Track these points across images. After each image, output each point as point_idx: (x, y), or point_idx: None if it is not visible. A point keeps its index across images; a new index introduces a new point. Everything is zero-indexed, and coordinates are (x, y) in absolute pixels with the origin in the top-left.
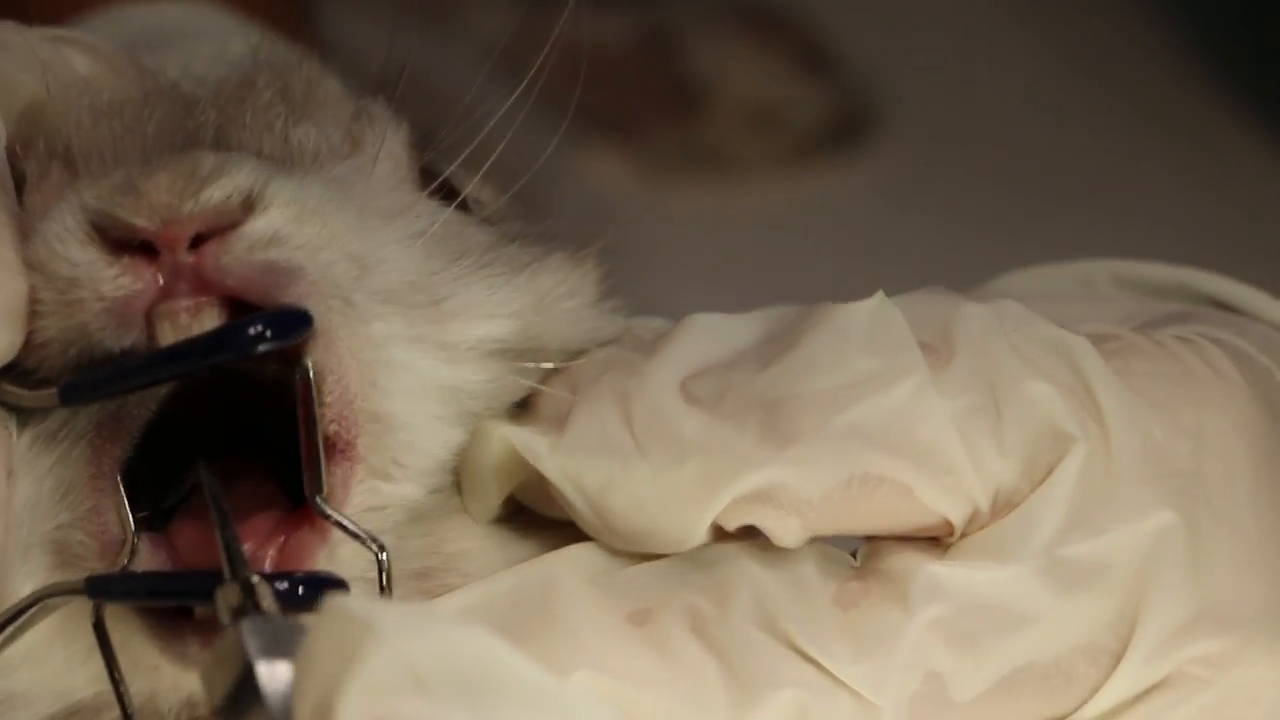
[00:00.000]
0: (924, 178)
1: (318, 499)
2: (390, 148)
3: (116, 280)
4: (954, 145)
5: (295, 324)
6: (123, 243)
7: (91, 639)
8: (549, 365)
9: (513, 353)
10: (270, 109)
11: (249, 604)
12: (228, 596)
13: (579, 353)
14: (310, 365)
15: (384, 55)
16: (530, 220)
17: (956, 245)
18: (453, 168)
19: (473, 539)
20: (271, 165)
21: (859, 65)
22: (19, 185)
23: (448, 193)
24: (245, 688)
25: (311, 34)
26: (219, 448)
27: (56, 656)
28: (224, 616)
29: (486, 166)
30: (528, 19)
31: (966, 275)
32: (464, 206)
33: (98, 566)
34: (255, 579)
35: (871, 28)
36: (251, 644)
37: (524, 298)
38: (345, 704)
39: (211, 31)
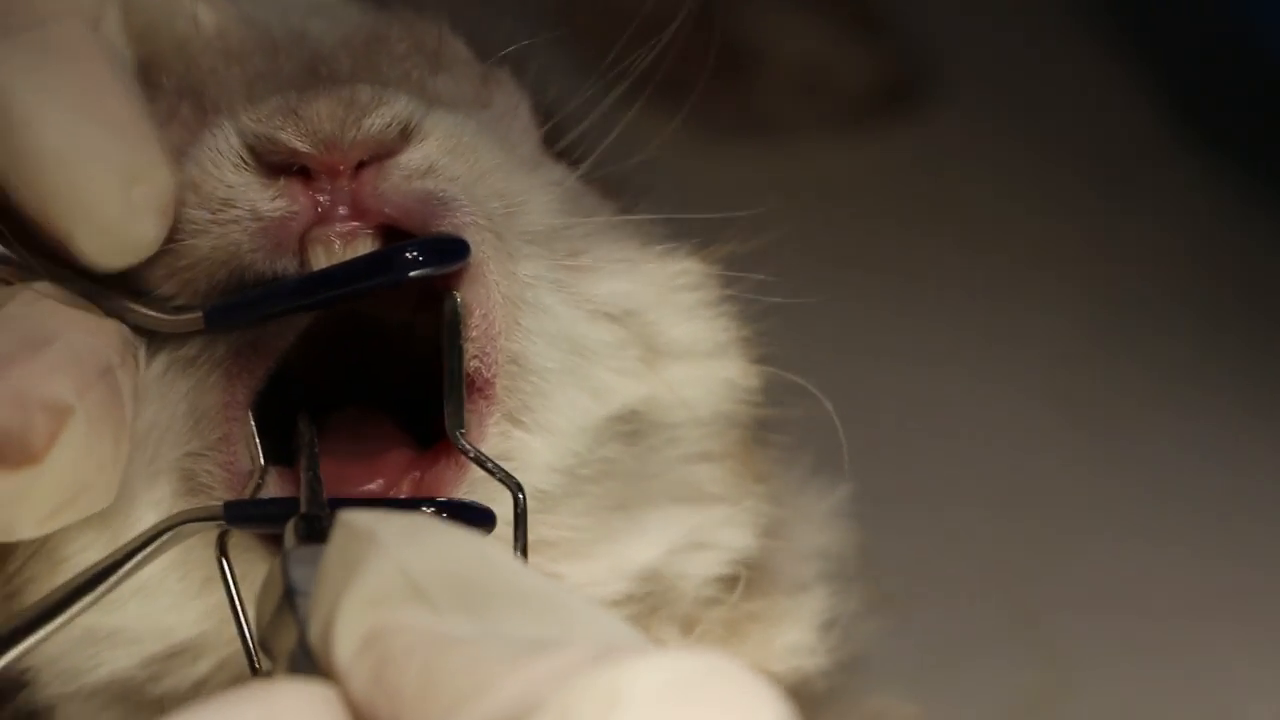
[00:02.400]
0: (975, 143)
1: (458, 433)
2: (520, 109)
3: (273, 202)
4: (1005, 111)
5: (453, 252)
6: (278, 166)
7: (205, 573)
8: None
9: (633, 323)
10: (406, 59)
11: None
12: (297, 527)
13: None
14: (459, 298)
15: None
16: (631, 201)
17: (1007, 211)
18: (581, 129)
19: None
20: (426, 100)
21: (910, 29)
22: None
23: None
24: (281, 611)
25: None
26: (337, 396)
27: (170, 590)
28: (289, 544)
29: (607, 142)
30: None
31: (1015, 242)
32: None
33: (224, 496)
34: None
35: None
36: (294, 571)
37: (652, 272)
38: (342, 617)
39: None
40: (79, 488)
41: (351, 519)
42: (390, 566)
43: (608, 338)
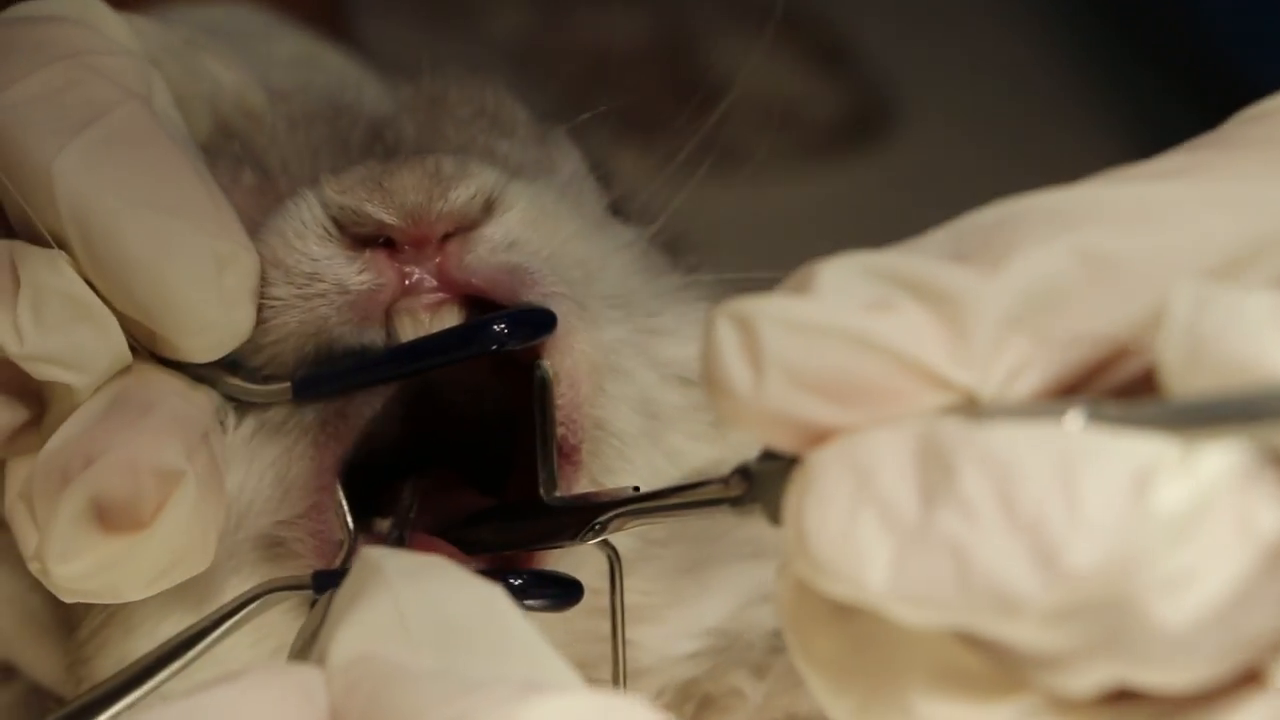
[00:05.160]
0: (940, 174)
1: (554, 498)
2: (583, 171)
3: (359, 275)
4: (970, 141)
5: (540, 324)
6: (363, 238)
7: (276, 642)
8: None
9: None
10: (472, 124)
11: None
12: None
13: None
14: (547, 367)
15: (416, 57)
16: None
17: None
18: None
19: None
20: (506, 170)
21: (875, 61)
22: None
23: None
24: (314, 636)
25: (347, 35)
26: (408, 461)
27: (241, 657)
28: None
29: (677, 203)
30: (544, 18)
31: None
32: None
33: (313, 564)
34: None
35: (887, 24)
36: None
37: None
38: (338, 641)
39: (260, 34)
40: (184, 552)
41: (368, 553)
42: (385, 602)
43: (682, 402)
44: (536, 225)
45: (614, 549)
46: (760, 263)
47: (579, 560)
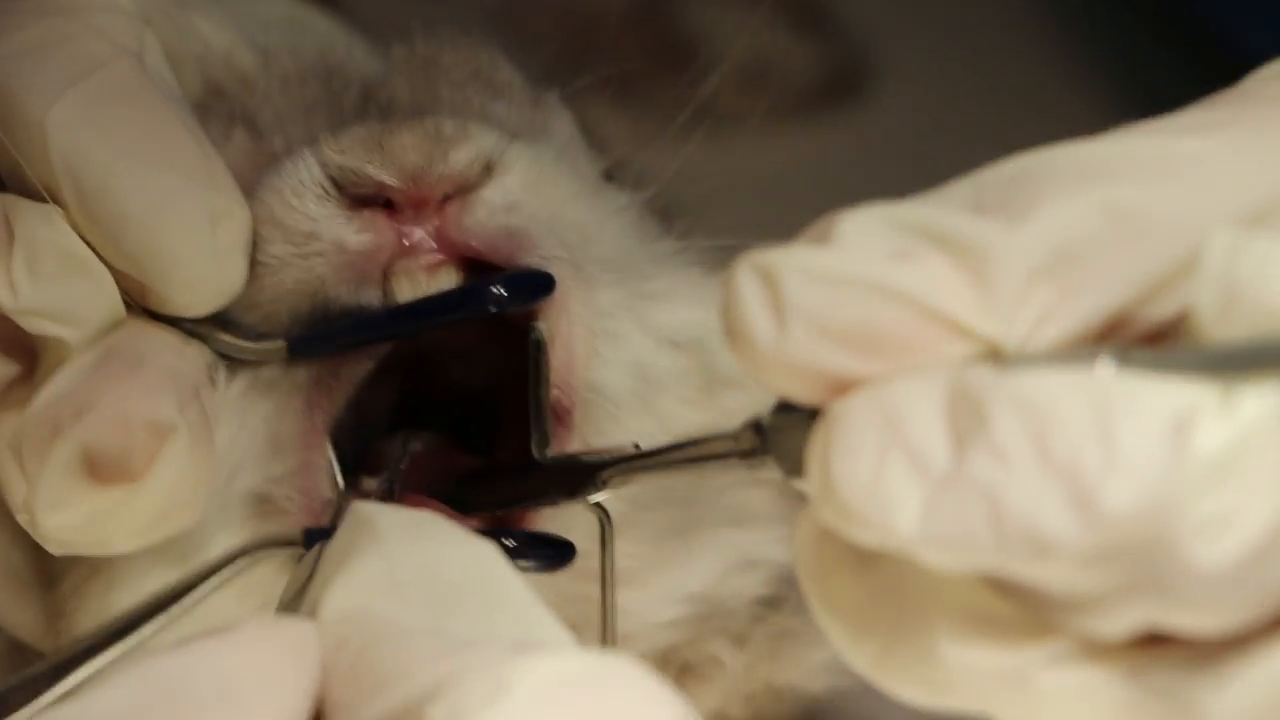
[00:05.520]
0: (918, 135)
1: (546, 458)
2: (575, 135)
3: (358, 235)
4: (948, 102)
5: (538, 286)
6: (361, 199)
7: (262, 596)
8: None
9: (696, 351)
10: (465, 85)
11: None
12: None
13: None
14: (542, 330)
15: (401, 21)
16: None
17: None
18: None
19: None
20: (505, 133)
21: (851, 22)
22: None
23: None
24: (301, 590)
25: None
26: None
27: (227, 610)
28: None
29: (673, 170)
30: None
31: None
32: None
33: (300, 522)
34: None
35: None
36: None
37: (715, 299)
38: (329, 596)
39: None
40: (174, 506)
41: (361, 508)
42: (377, 558)
43: (674, 366)
44: (535, 188)
45: (605, 511)
46: (740, 222)
47: (568, 523)
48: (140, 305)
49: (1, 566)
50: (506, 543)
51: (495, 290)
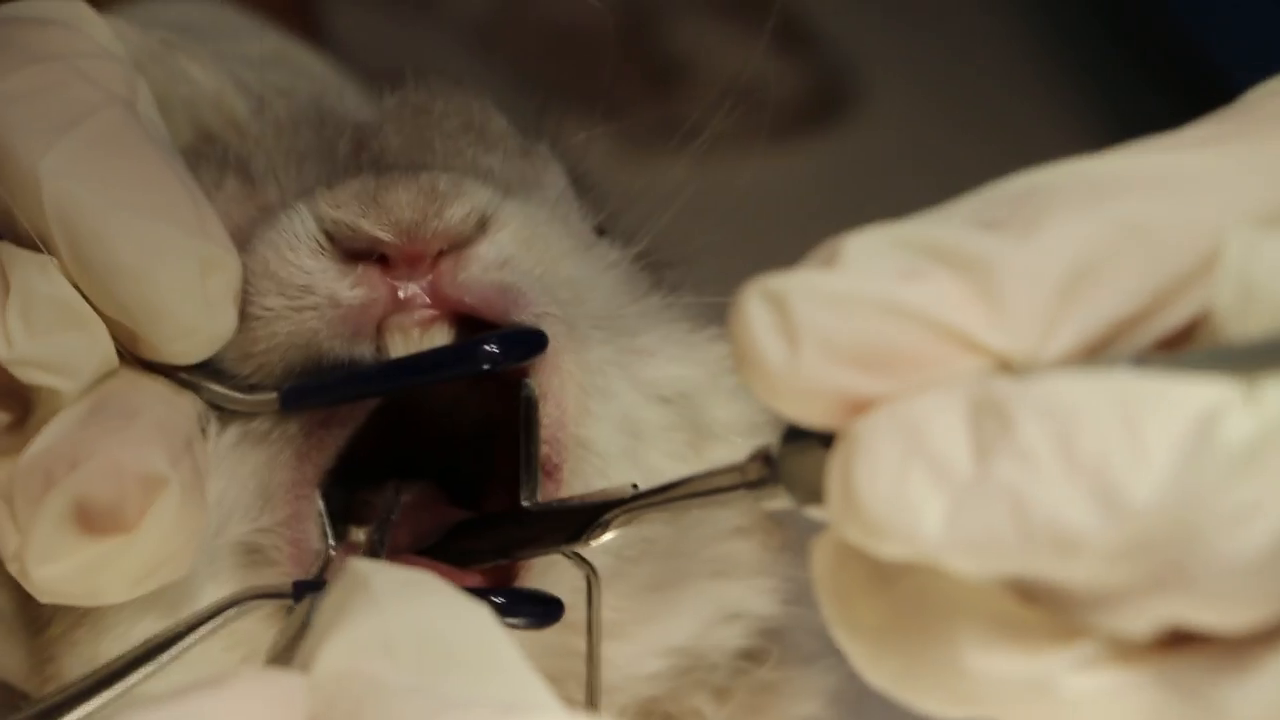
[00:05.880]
0: (904, 152)
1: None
2: (567, 188)
3: (352, 290)
4: (933, 120)
5: (531, 344)
6: (355, 253)
7: (250, 647)
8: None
9: (684, 406)
10: (458, 137)
11: None
12: None
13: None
14: (534, 386)
15: (382, 43)
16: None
17: None
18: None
19: None
20: (499, 188)
21: (836, 41)
22: None
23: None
24: (293, 642)
25: (318, 31)
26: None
27: (214, 660)
28: None
29: (663, 221)
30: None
31: None
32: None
33: (289, 574)
34: None
35: (848, 3)
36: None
37: (703, 354)
38: (322, 654)
39: (231, 32)
40: (166, 557)
41: (356, 566)
42: (371, 619)
43: (661, 421)
44: (529, 245)
45: (592, 567)
46: (722, 243)
47: (554, 577)
48: (132, 354)
49: None
50: (495, 600)
51: (489, 349)
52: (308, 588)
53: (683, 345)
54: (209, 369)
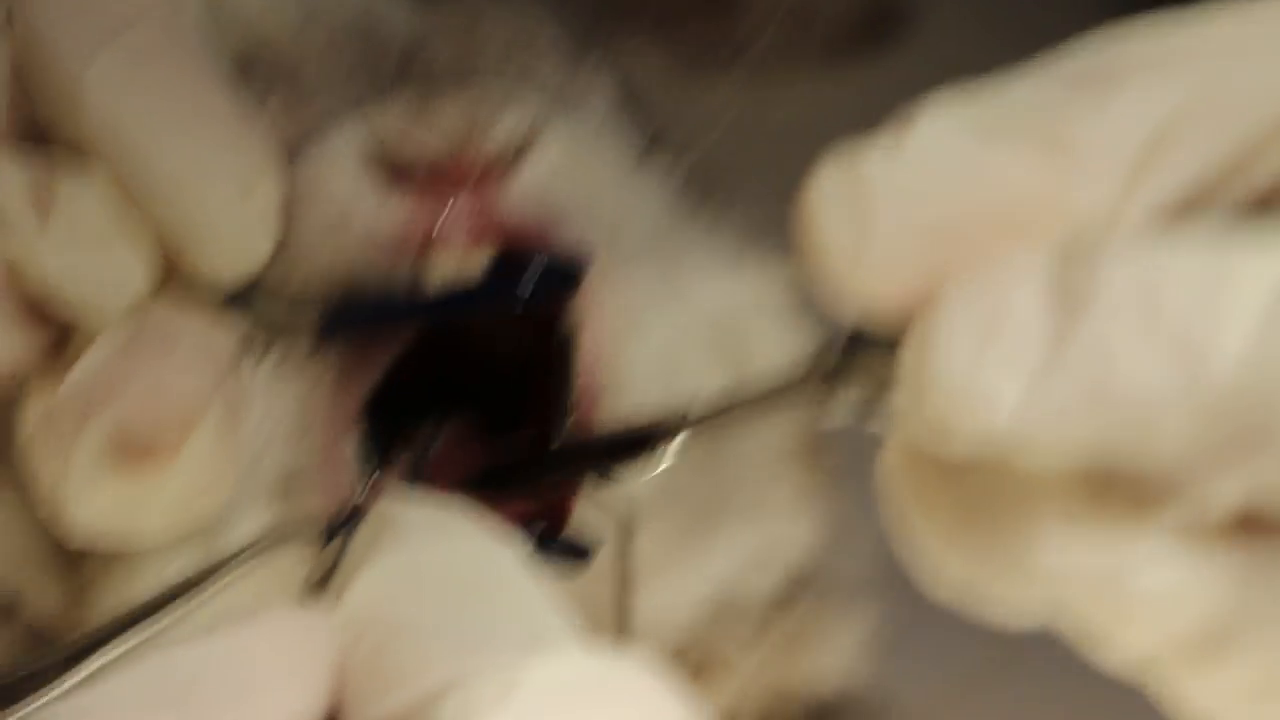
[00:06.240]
0: (952, 74)
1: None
2: (615, 105)
3: (393, 214)
4: (982, 42)
5: (570, 276)
6: (400, 170)
7: (284, 584)
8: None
9: (724, 337)
10: (508, 47)
11: None
12: None
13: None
14: (572, 319)
15: None
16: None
17: None
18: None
19: None
20: (546, 103)
21: None
22: None
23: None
24: (325, 579)
25: None
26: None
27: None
28: None
29: (713, 137)
30: None
31: None
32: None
33: (326, 504)
34: None
35: None
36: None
37: (747, 279)
38: (351, 591)
39: None
40: (204, 487)
41: (386, 505)
42: (399, 557)
43: (703, 348)
44: (573, 167)
45: (623, 515)
46: (774, 164)
47: (585, 523)
48: (172, 275)
49: (24, 548)
50: (525, 545)
51: (527, 282)
52: (340, 526)
53: (729, 269)
54: (248, 294)
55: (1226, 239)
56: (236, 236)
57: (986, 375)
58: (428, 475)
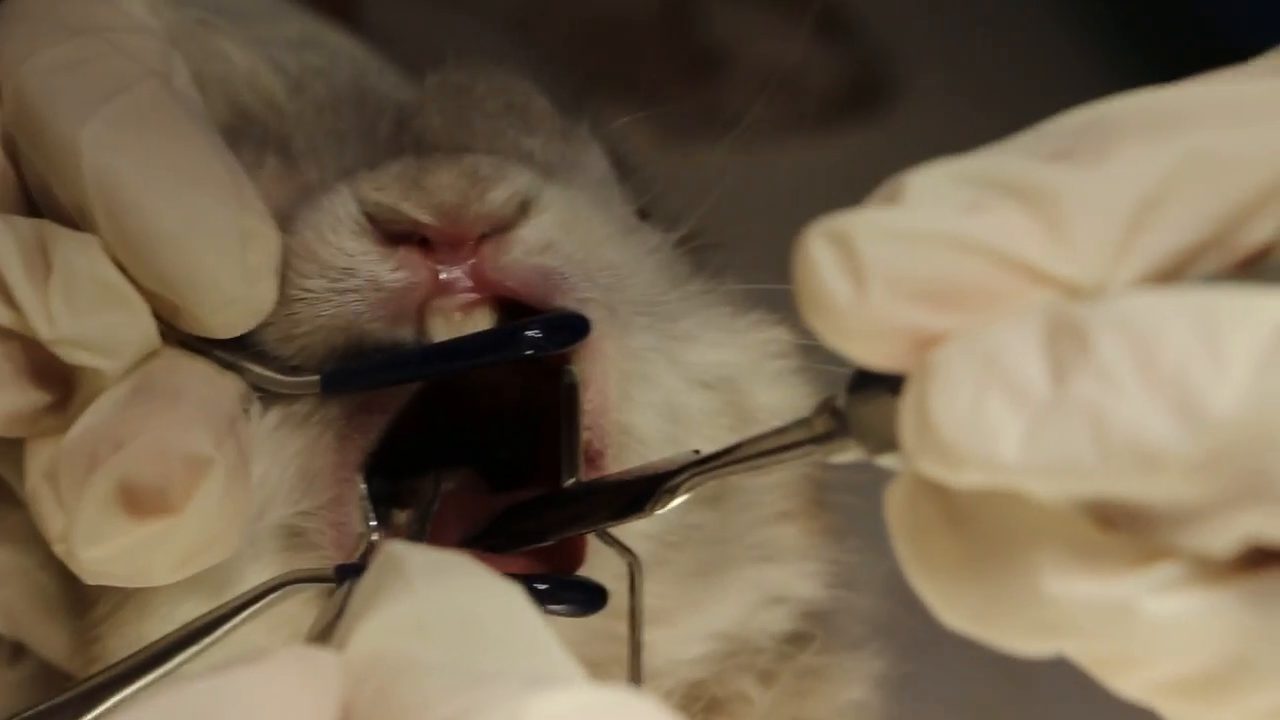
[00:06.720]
0: (942, 141)
1: None
2: (608, 171)
3: (394, 273)
4: (972, 109)
5: (573, 329)
6: (397, 236)
7: (293, 629)
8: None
9: (727, 391)
10: (500, 118)
11: None
12: None
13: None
14: (576, 372)
15: (418, 32)
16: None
17: None
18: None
19: None
20: (540, 172)
21: (876, 30)
22: None
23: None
24: (330, 626)
25: (356, 20)
26: (432, 456)
27: (257, 642)
28: None
29: (707, 207)
30: None
31: None
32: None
33: (331, 557)
34: None
35: None
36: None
37: (745, 339)
38: (356, 634)
39: (267, 14)
40: (212, 538)
41: (391, 549)
42: (404, 600)
43: (705, 406)
44: (570, 229)
45: (634, 555)
46: (761, 230)
47: (599, 564)
48: (173, 328)
49: (32, 590)
50: (539, 587)
51: (531, 334)
52: (349, 571)
53: (725, 330)
54: (251, 351)
55: (1217, 289)
56: (236, 288)
57: (988, 418)
58: (432, 528)
